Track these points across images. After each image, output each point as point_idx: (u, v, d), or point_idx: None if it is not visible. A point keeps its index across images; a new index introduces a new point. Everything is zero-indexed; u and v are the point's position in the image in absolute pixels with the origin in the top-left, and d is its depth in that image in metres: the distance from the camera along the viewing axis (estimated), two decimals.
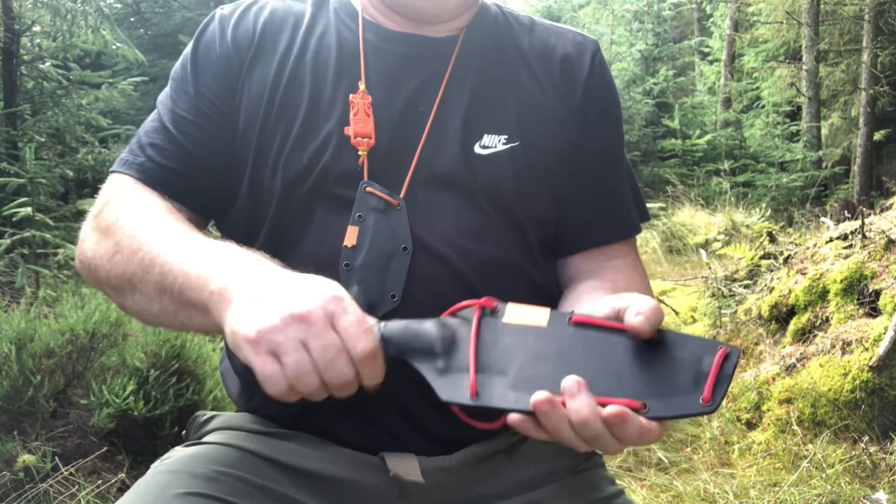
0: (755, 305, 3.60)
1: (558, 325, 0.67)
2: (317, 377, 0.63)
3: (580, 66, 0.97)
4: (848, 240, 3.23)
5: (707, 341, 0.64)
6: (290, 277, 0.68)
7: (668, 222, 7.80)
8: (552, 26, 1.02)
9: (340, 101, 0.88)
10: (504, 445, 0.88)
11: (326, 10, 0.96)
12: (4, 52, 4.70)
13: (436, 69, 0.92)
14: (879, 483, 2.24)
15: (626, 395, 0.61)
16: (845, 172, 11.11)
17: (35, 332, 2.30)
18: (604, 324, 0.67)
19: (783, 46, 13.15)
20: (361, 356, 0.64)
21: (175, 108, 0.90)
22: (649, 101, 11.24)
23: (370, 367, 0.65)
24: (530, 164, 0.90)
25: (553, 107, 0.94)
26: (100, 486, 2.05)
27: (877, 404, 2.49)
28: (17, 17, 4.80)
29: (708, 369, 0.61)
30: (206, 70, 0.91)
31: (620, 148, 1.01)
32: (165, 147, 0.88)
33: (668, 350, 0.64)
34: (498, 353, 0.66)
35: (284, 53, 0.91)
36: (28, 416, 2.20)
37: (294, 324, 0.63)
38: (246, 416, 0.89)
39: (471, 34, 0.95)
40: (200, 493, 0.75)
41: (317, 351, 0.63)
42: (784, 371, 2.87)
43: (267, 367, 0.63)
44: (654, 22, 12.40)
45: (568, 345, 0.66)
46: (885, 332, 2.53)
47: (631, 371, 0.63)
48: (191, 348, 2.45)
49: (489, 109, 0.92)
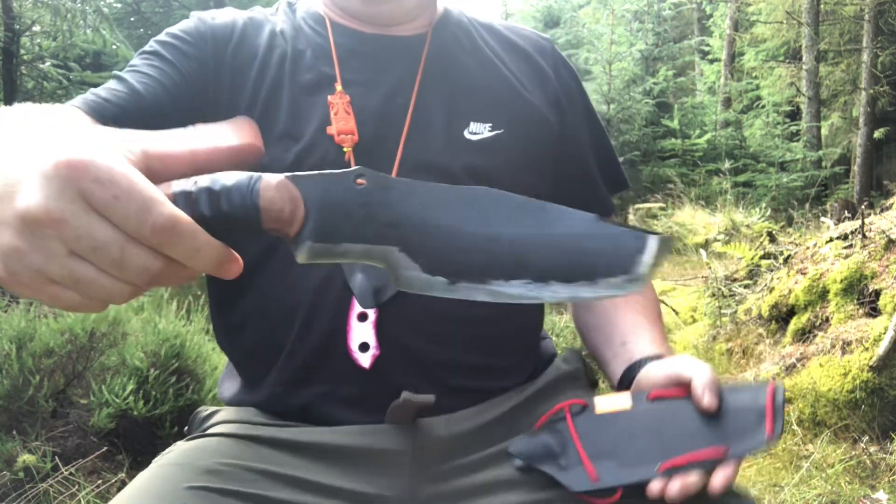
0: (755, 305, 3.60)
1: (640, 403, 0.80)
2: (115, 283, 0.47)
3: (547, 60, 1.03)
4: (848, 240, 3.23)
5: (754, 384, 0.78)
6: (16, 152, 0.49)
7: (668, 222, 7.80)
8: (511, 26, 1.07)
9: (320, 105, 0.89)
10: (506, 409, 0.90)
11: (295, 19, 0.98)
12: (4, 52, 4.70)
13: (409, 64, 0.94)
14: (879, 483, 2.24)
15: (709, 445, 0.74)
16: (845, 172, 11.11)
17: (35, 332, 2.30)
18: (674, 394, 0.80)
19: (783, 46, 13.16)
20: (154, 236, 0.45)
21: (133, 66, 0.89)
22: (649, 101, 11.24)
23: (177, 244, 0.46)
24: (517, 151, 0.93)
25: (531, 95, 0.98)
26: (100, 486, 2.05)
27: (877, 404, 2.49)
28: (17, 17, 4.80)
29: (764, 407, 0.75)
30: (178, 45, 0.91)
31: (598, 127, 1.08)
32: (116, 88, 0.85)
33: (727, 399, 0.77)
34: (602, 440, 0.79)
35: (265, 57, 0.92)
36: (28, 416, 2.20)
37: (35, 232, 0.45)
38: (249, 411, 0.89)
39: (438, 31, 0.98)
40: (206, 486, 0.74)
41: (93, 255, 0.45)
42: (784, 371, 2.87)
43: (55, 301, 0.47)
44: (654, 22, 12.40)
45: (653, 418, 0.79)
46: (885, 332, 2.53)
47: (706, 425, 0.76)
48: (191, 348, 2.45)
49: (471, 98, 0.94)
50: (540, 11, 14.19)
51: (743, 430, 0.75)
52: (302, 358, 0.85)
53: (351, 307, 0.83)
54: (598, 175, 1.08)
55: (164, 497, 0.72)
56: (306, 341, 0.84)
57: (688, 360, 0.81)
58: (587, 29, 12.10)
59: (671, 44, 12.97)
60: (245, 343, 0.91)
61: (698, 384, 0.76)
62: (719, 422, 0.76)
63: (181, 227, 0.46)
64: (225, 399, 0.94)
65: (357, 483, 0.81)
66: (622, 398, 0.82)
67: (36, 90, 5.10)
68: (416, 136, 0.89)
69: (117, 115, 0.80)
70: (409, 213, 0.55)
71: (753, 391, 0.77)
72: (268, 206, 0.51)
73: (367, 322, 0.83)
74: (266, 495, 0.77)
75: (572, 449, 0.79)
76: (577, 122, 1.04)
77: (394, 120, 0.90)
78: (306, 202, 0.52)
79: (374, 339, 0.83)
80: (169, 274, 0.48)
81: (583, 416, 0.81)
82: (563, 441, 0.80)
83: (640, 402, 0.80)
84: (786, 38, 12.81)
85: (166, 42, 0.91)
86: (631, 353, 0.91)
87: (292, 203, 0.52)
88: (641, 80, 11.75)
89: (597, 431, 0.80)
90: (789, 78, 12.67)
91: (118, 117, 0.80)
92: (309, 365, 0.85)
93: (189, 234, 0.46)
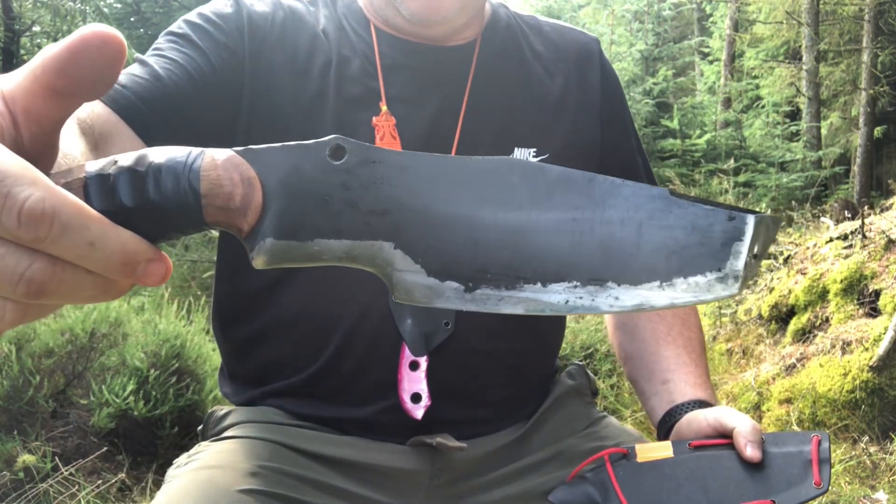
0: (755, 305, 3.60)
1: (682, 452, 0.79)
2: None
3: (592, 69, 0.98)
4: (848, 240, 3.23)
5: (798, 433, 0.78)
6: None
7: None
8: (556, 25, 1.02)
9: (364, 124, 0.85)
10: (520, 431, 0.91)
11: (336, 15, 0.91)
12: (4, 52, 4.70)
13: (456, 82, 0.90)
14: (879, 483, 2.24)
15: (755, 497, 0.74)
16: (845, 172, 11.11)
17: (35, 332, 2.30)
18: (716, 443, 0.79)
19: (783, 46, 13.16)
20: (25, 229, 0.31)
21: (158, 48, 0.82)
22: (649, 101, 11.23)
23: (60, 238, 0.32)
24: None
25: (575, 115, 0.95)
26: (100, 486, 2.05)
27: (877, 404, 2.48)
28: (17, 17, 4.80)
29: (809, 457, 0.74)
30: (209, 30, 0.83)
31: (636, 140, 1.05)
32: (136, 74, 0.76)
33: (770, 450, 0.76)
34: (645, 488, 0.78)
35: (306, 61, 0.86)
36: (28, 416, 2.20)
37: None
38: (265, 410, 0.88)
39: (486, 42, 0.93)
40: (256, 489, 0.74)
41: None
42: (784, 371, 2.86)
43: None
44: (654, 22, 12.39)
45: (696, 467, 0.78)
46: (885, 332, 2.53)
47: (750, 475, 0.75)
48: (191, 348, 2.45)
49: (516, 122, 0.91)
50: (540, 11, 14.17)
51: (789, 480, 0.74)
52: (338, 381, 0.84)
53: (402, 354, 0.82)
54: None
55: (219, 500, 0.72)
56: (344, 364, 0.83)
57: (729, 410, 0.81)
58: (587, 29, 12.08)
59: (671, 44, 12.96)
60: (262, 357, 0.89)
61: (741, 435, 0.76)
62: (764, 472, 0.76)
63: (62, 213, 0.32)
64: (234, 401, 0.94)
65: (381, 494, 0.83)
66: (663, 446, 0.81)
67: None
68: None
69: (133, 103, 0.73)
70: (405, 195, 0.40)
71: (797, 441, 0.77)
72: (211, 190, 0.36)
73: (418, 371, 0.82)
74: (305, 500, 0.78)
75: (614, 498, 0.78)
76: (620, 136, 1.01)
77: (440, 145, 0.86)
78: (265, 185, 0.38)
79: (427, 390, 0.82)
80: (63, 283, 0.33)
81: (623, 463, 0.81)
82: (605, 490, 0.79)
83: (681, 451, 0.80)
84: (786, 38, 12.81)
85: (197, 25, 0.82)
86: (672, 394, 0.90)
87: (245, 185, 0.37)
88: (641, 80, 11.74)
89: (638, 480, 0.79)
90: (789, 78, 12.67)
91: (133, 107, 0.73)
92: (346, 387, 0.84)
93: (76, 223, 0.32)
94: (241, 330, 0.90)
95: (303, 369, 0.85)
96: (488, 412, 0.88)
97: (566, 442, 0.93)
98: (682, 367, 0.93)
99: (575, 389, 0.99)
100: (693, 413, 0.86)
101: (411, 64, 0.89)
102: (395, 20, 0.88)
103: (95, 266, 0.34)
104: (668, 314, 0.99)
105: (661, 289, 0.41)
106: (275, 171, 0.38)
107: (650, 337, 0.97)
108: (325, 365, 0.84)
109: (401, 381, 0.81)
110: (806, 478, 0.73)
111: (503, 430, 0.89)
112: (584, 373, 1.02)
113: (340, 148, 0.39)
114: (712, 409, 0.84)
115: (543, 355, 0.96)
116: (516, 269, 0.41)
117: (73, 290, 0.34)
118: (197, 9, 0.85)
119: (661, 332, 0.97)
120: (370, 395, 0.83)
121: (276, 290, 0.85)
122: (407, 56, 0.89)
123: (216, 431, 0.90)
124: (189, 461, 0.82)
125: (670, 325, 0.97)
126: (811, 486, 0.73)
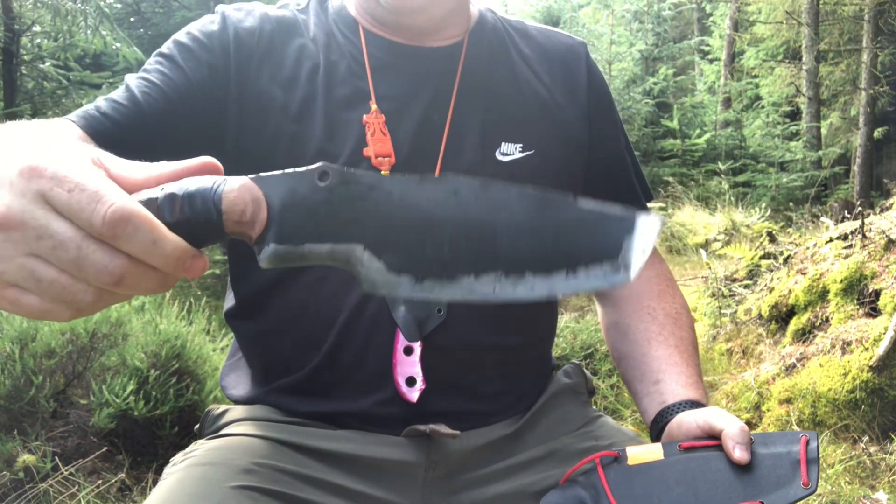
0: (755, 305, 3.60)
1: (672, 454, 0.80)
2: (76, 284, 0.46)
3: (579, 71, 1.01)
4: (848, 240, 3.23)
5: (786, 433, 0.78)
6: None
7: (668, 222, 7.80)
8: (543, 29, 1.05)
9: (355, 123, 0.87)
10: (514, 426, 0.92)
11: (327, 21, 0.94)
12: (4, 52, 4.70)
13: (444, 80, 0.92)
14: (879, 483, 2.24)
15: (744, 498, 0.74)
16: (845, 172, 11.11)
17: (36, 332, 2.30)
18: (706, 444, 0.80)
19: (783, 46, 13.16)
20: (107, 228, 0.44)
21: (145, 70, 0.87)
22: (649, 101, 11.24)
23: (132, 237, 0.45)
24: (546, 173, 0.92)
25: (562, 113, 0.97)
26: (100, 486, 2.05)
27: (877, 404, 2.49)
28: (17, 17, 4.80)
29: (797, 457, 0.75)
30: (193, 49, 0.87)
31: (625, 139, 1.06)
32: (117, 100, 0.82)
33: (758, 451, 0.77)
34: (635, 491, 0.79)
35: (294, 69, 0.89)
36: (28, 416, 2.20)
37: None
38: (262, 408, 0.90)
39: (473, 42, 0.96)
40: (249, 486, 0.75)
41: (52, 255, 0.45)
42: (784, 371, 2.87)
43: (16, 306, 0.47)
44: (654, 22, 12.39)
45: (686, 469, 0.79)
46: (885, 332, 2.53)
47: (739, 477, 0.76)
48: (191, 348, 2.45)
49: (503, 117, 0.93)
50: (540, 12, 14.16)
51: (777, 481, 0.75)
52: (336, 374, 0.86)
53: (396, 340, 0.84)
54: (637, 186, 1.06)
55: (211, 496, 0.73)
56: (342, 357, 0.85)
57: (719, 411, 0.82)
58: (587, 29, 12.07)
59: (671, 44, 12.97)
60: (266, 356, 0.92)
61: (728, 437, 0.77)
62: (752, 473, 0.76)
63: (135, 218, 0.44)
64: (234, 398, 0.95)
65: (377, 489, 0.83)
66: (654, 448, 0.82)
67: (36, 90, 5.09)
68: (452, 156, 0.89)
69: (112, 130, 0.79)
70: (373, 208, 0.51)
71: (786, 441, 0.77)
72: (230, 208, 0.48)
73: (413, 356, 0.84)
74: (301, 497, 0.79)
75: (605, 501, 0.79)
76: (608, 134, 1.03)
77: (430, 140, 0.89)
78: (269, 203, 0.50)
79: (421, 373, 0.84)
80: (134, 275, 0.46)
81: (614, 467, 0.81)
82: (596, 494, 0.80)
83: (672, 453, 0.80)
84: (786, 38, 12.81)
85: (183, 45, 0.88)
86: (663, 395, 0.91)
87: (255, 204, 0.49)
88: (641, 80, 11.74)
89: (629, 483, 0.79)
90: (789, 78, 12.68)
91: (110, 133, 0.78)
92: (344, 380, 0.86)
93: (145, 227, 0.45)
94: (249, 328, 0.93)
95: (304, 365, 0.87)
96: (481, 404, 0.89)
97: (560, 440, 0.93)
98: (674, 368, 0.93)
99: (570, 388, 1.00)
100: (683, 415, 0.86)
101: (399, 63, 0.92)
102: (377, 12, 0.91)
103: (157, 261, 0.46)
104: (660, 313, 0.99)
105: (566, 278, 0.51)
106: (277, 193, 0.50)
107: (642, 337, 0.98)
108: (325, 358, 0.85)
109: (395, 366, 0.84)
110: (794, 478, 0.74)
111: (497, 422, 0.90)
112: (581, 371, 1.03)
113: (325, 172, 0.51)
114: (702, 410, 0.85)
115: (535, 348, 0.97)
116: (455, 264, 0.51)
117: (141, 281, 0.46)
118: (186, 27, 0.90)
119: (652, 331, 0.97)
120: (368, 385, 0.85)
121: (277, 291, 0.88)
122: (395, 56, 0.92)
123: (213, 430, 0.91)
124: (184, 459, 0.84)
125: (662, 325, 0.98)
126: (799, 486, 0.73)
